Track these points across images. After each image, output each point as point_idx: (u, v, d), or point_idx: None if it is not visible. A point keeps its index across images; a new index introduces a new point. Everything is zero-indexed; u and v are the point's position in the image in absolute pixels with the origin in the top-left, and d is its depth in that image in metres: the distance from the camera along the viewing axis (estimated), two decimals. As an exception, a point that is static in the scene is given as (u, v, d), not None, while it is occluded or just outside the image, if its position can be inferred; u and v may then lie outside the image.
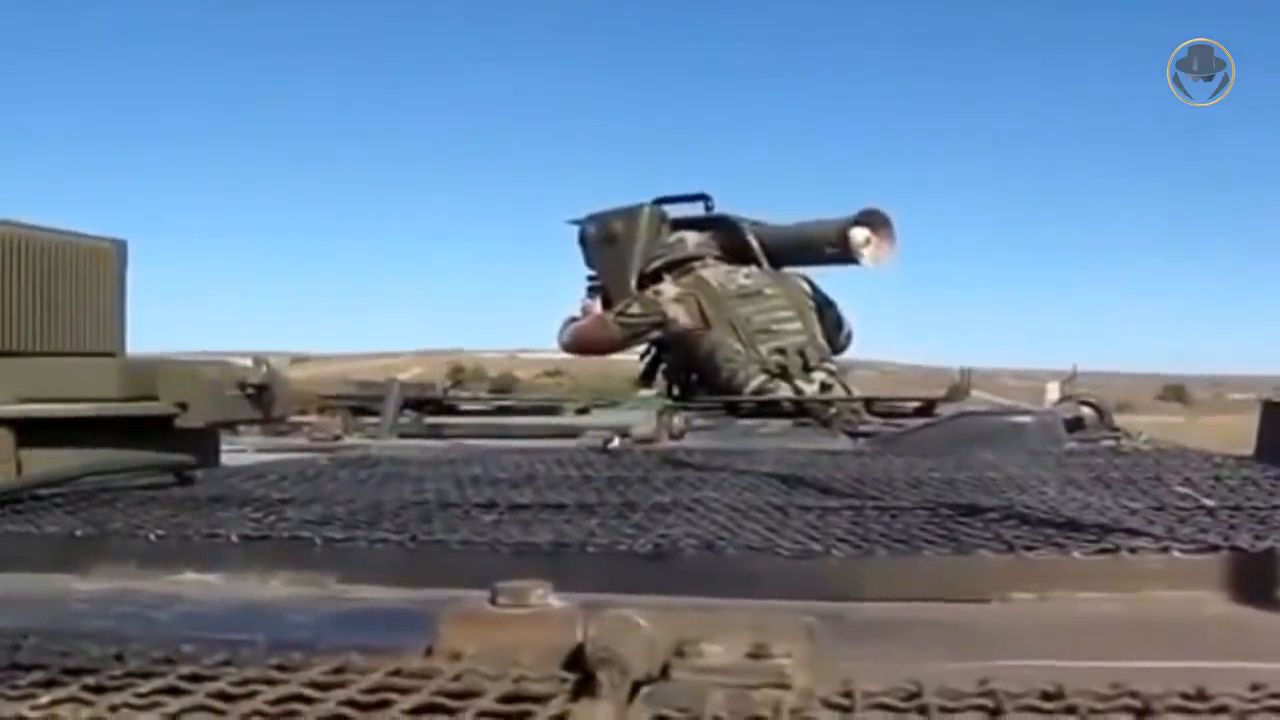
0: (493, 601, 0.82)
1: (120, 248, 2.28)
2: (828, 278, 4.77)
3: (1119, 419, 3.30)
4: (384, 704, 0.71)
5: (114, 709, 0.71)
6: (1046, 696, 0.71)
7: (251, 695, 0.72)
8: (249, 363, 2.10)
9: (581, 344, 4.96)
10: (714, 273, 4.54)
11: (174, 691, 0.73)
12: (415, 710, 0.70)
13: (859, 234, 4.56)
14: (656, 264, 4.68)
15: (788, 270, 4.71)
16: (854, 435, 3.17)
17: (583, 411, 3.90)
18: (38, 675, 0.76)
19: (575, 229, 5.09)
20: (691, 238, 4.74)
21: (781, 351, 4.34)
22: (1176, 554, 1.17)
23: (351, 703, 0.71)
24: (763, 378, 4.30)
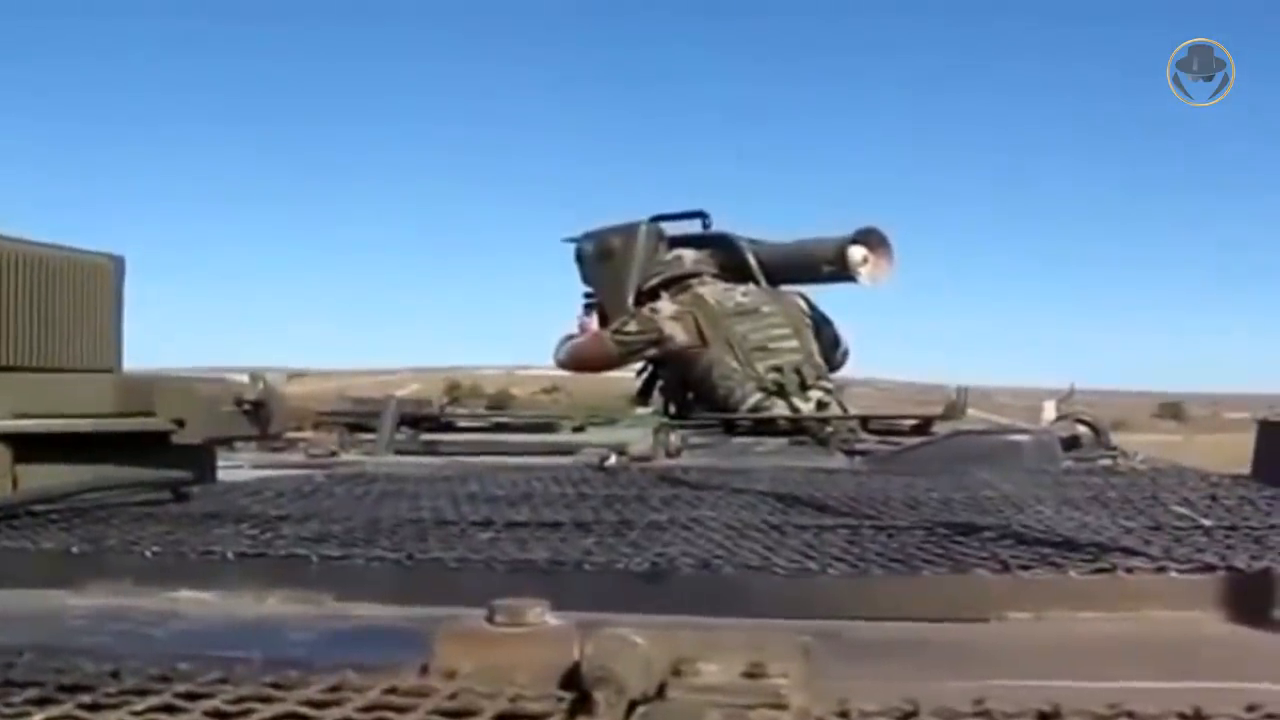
0: (489, 620, 0.82)
1: (118, 263, 2.28)
2: (824, 295, 4.78)
3: (1115, 437, 3.30)
4: (380, 722, 0.71)
5: (109, 727, 0.71)
6: (1043, 716, 0.72)
7: (247, 713, 0.72)
8: (246, 379, 2.10)
9: (578, 361, 4.96)
10: (711, 290, 4.54)
11: (170, 709, 0.73)
12: (411, 728, 0.70)
13: (857, 253, 4.57)
14: (654, 281, 4.68)
15: (785, 288, 4.71)
16: (850, 454, 3.17)
17: (579, 429, 3.90)
18: (32, 693, 0.76)
19: (572, 246, 5.09)
20: (689, 255, 4.74)
21: (778, 369, 4.33)
22: (1173, 574, 1.17)
23: (347, 721, 0.71)
24: (759, 395, 4.30)
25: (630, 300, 4.70)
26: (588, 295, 5.07)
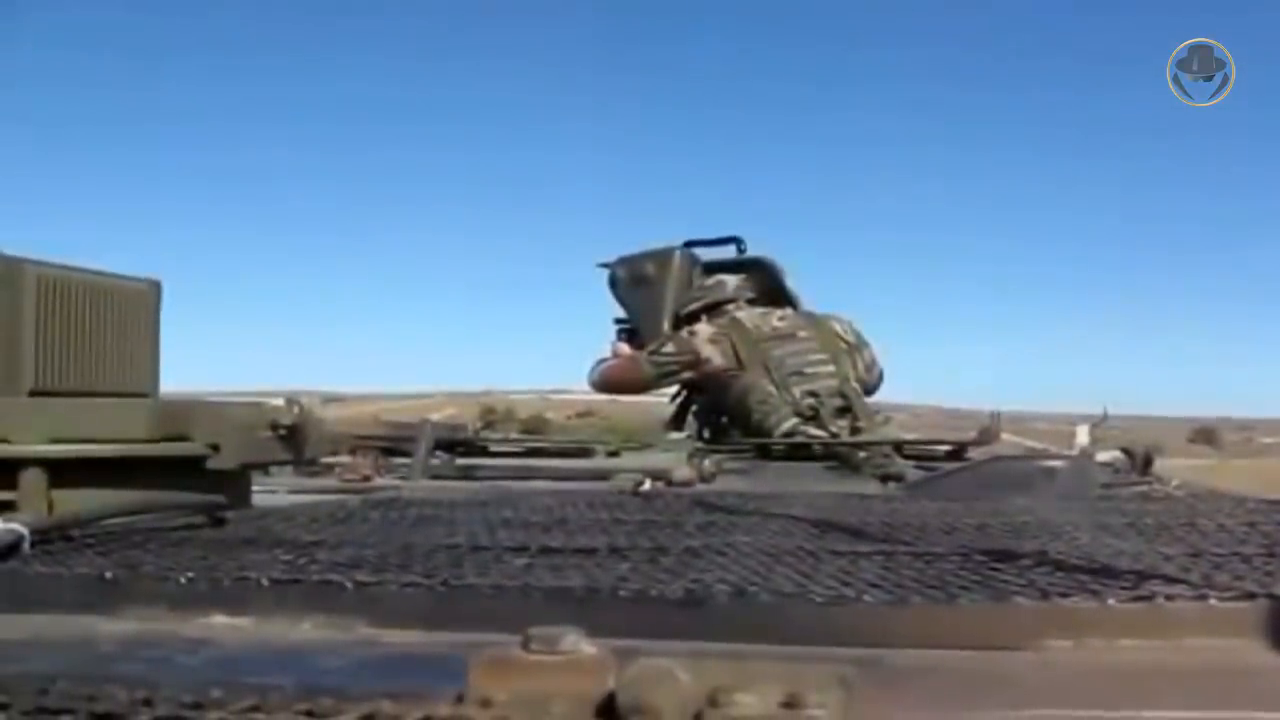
0: (524, 647, 0.82)
1: (155, 289, 2.29)
2: (861, 318, 4.76)
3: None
4: (413, 751, 0.70)
5: (142, 754, 0.71)
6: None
7: (280, 741, 0.72)
8: (281, 403, 2.11)
9: (612, 383, 4.96)
10: (748, 314, 4.54)
11: (203, 737, 0.73)
12: (445, 758, 0.70)
13: None
14: (693, 306, 4.69)
15: (822, 312, 4.70)
16: (885, 479, 3.15)
17: (614, 454, 3.90)
18: None
19: (605, 272, 5.10)
20: (729, 280, 4.75)
21: (814, 394, 4.32)
22: (1213, 601, 1.16)
23: (381, 749, 0.71)
24: (795, 420, 4.29)
25: (666, 325, 4.71)
26: (620, 321, 5.08)
